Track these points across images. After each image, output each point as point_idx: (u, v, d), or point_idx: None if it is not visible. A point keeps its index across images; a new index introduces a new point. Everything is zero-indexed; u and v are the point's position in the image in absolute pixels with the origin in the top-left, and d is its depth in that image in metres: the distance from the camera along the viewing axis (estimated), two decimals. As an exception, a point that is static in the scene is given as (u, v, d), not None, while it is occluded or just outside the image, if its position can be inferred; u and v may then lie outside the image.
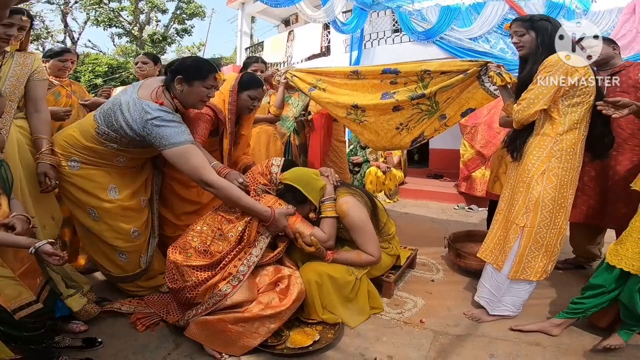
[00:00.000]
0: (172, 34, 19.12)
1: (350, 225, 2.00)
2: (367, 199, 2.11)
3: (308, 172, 2.04)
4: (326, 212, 1.99)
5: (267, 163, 2.08)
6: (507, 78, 2.03)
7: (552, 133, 1.80)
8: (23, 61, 1.90)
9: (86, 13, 17.30)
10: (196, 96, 1.86)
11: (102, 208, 1.94)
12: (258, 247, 1.82)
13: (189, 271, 1.74)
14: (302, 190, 1.93)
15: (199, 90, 1.84)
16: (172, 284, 1.79)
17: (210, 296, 1.71)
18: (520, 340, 1.83)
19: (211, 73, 1.85)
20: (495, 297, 1.97)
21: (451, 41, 6.05)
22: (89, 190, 1.92)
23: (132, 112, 1.77)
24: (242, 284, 1.73)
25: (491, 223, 2.09)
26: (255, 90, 2.23)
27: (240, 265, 1.75)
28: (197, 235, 1.84)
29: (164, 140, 1.74)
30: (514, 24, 1.92)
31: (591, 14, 5.27)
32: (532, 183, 1.81)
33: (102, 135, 1.85)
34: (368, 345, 1.78)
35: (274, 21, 12.86)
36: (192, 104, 1.92)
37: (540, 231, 1.82)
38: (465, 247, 2.72)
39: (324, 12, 5.85)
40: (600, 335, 1.81)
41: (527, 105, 1.79)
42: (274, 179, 2.02)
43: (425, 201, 5.19)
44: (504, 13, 5.70)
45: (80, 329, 1.84)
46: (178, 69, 1.84)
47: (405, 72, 2.42)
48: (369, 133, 2.67)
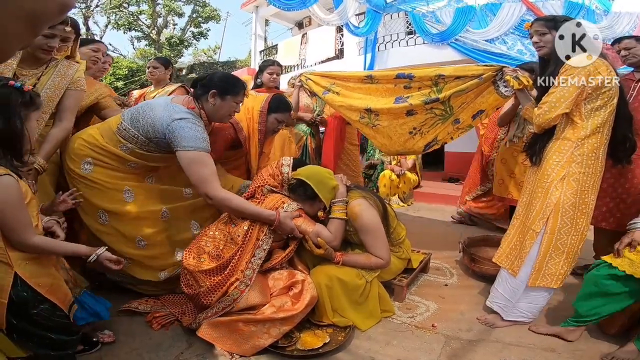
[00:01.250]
0: (188, 37, 19.45)
1: (361, 228, 2.00)
2: (378, 202, 2.11)
3: (321, 170, 2.07)
4: (335, 213, 2.00)
5: (277, 163, 2.10)
6: (524, 81, 2.00)
7: (573, 137, 1.76)
8: (65, 71, 1.90)
9: (107, 17, 17.78)
10: (226, 110, 1.97)
11: (114, 211, 1.94)
12: (262, 249, 1.84)
13: (202, 277, 1.77)
14: (313, 187, 1.95)
15: (230, 104, 1.96)
16: (187, 289, 1.83)
17: (220, 300, 1.75)
18: (534, 346, 1.79)
19: (242, 90, 1.99)
20: (510, 302, 1.94)
21: (467, 43, 5.97)
22: (103, 192, 1.93)
23: (162, 112, 1.85)
24: (250, 287, 1.75)
25: (508, 228, 2.07)
26: (283, 114, 2.34)
27: (247, 270, 1.78)
28: (211, 241, 1.88)
29: (183, 140, 1.79)
30: (536, 23, 1.89)
31: (611, 14, 5.15)
32: (550, 188, 1.78)
33: (122, 132, 1.90)
34: (378, 348, 1.78)
35: (287, 24, 12.94)
36: (220, 118, 2.00)
37: (561, 237, 1.78)
38: (480, 251, 2.68)
39: (337, 15, 5.86)
40: (617, 343, 1.76)
41: (548, 108, 1.75)
42: (285, 179, 2.04)
43: (440, 205, 5.13)
44: (521, 14, 5.60)
45: (107, 340, 1.77)
46: (211, 84, 1.94)
47: (419, 77, 2.41)
48: (381, 137, 2.65)
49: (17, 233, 1.27)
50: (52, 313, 1.37)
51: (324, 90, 2.76)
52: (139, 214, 2.00)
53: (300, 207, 1.99)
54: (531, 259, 1.84)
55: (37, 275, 1.34)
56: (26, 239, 1.30)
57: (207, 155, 1.84)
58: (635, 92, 2.24)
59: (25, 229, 1.29)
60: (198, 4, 18.95)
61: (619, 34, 4.48)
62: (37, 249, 1.35)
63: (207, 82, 1.95)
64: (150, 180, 2.11)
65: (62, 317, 1.41)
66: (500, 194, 3.32)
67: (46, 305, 1.35)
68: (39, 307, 1.33)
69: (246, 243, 1.82)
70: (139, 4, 17.99)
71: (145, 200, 2.05)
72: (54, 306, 1.38)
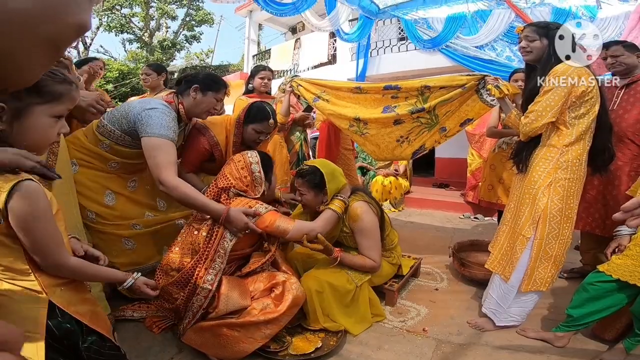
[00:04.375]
0: (181, 41, 19.41)
1: (360, 229, 2.02)
2: (377, 208, 2.13)
3: (336, 167, 2.10)
4: (333, 204, 1.98)
5: (244, 162, 1.89)
6: (504, 90, 2.02)
7: (558, 144, 1.79)
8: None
9: (99, 19, 17.65)
10: (206, 105, 2.00)
11: (99, 213, 1.97)
12: (219, 253, 1.75)
13: (174, 290, 1.75)
14: (325, 176, 1.96)
15: (210, 100, 2.00)
16: (167, 304, 1.81)
17: (188, 308, 1.72)
18: (523, 349, 1.82)
19: (224, 88, 2.05)
20: (502, 307, 1.96)
21: (457, 49, 6.06)
22: (87, 193, 1.95)
23: (137, 104, 1.90)
24: (229, 291, 1.70)
25: (495, 234, 2.10)
26: (261, 124, 2.15)
27: (207, 275, 1.71)
28: (176, 256, 1.82)
29: (149, 127, 1.81)
30: (528, 29, 1.89)
31: (598, 20, 5.26)
32: (538, 195, 1.80)
33: (100, 129, 1.95)
34: (370, 353, 1.79)
35: (281, 29, 13.01)
36: (198, 113, 2.03)
37: (549, 242, 1.81)
38: (470, 256, 2.72)
39: (328, 21, 5.89)
40: (606, 344, 1.80)
41: (535, 117, 1.78)
42: (257, 178, 1.89)
43: (430, 210, 5.18)
44: (510, 20, 5.69)
45: None
46: (195, 79, 2.00)
47: (406, 88, 2.48)
48: (370, 145, 2.72)
49: (51, 252, 1.04)
50: (103, 345, 1.17)
51: (314, 98, 2.81)
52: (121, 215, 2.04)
53: (272, 209, 1.85)
54: (522, 264, 1.86)
55: (75, 303, 1.12)
56: (62, 259, 1.07)
57: (170, 144, 1.83)
58: (619, 100, 2.29)
59: (59, 248, 1.06)
60: (192, 7, 18.94)
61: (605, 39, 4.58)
62: (74, 273, 1.12)
63: (191, 78, 2.01)
64: (132, 185, 2.14)
65: (112, 348, 1.21)
66: (489, 199, 3.37)
67: (94, 337, 1.14)
68: (88, 340, 1.12)
69: (207, 249, 1.75)
70: (131, 7, 17.92)
71: (126, 200, 2.08)
72: (102, 337, 1.18)
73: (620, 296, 1.66)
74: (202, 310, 1.70)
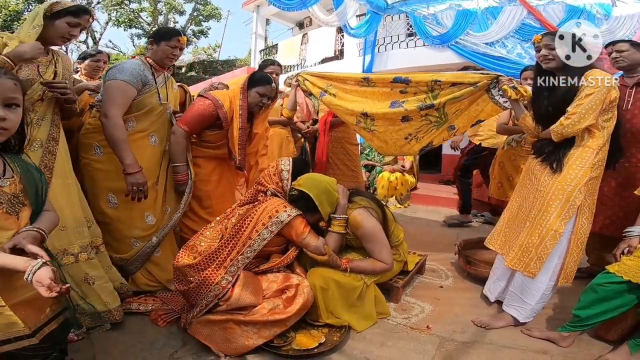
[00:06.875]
0: (189, 35, 19.43)
1: (363, 236, 2.02)
2: (378, 208, 2.12)
3: (323, 182, 2.00)
4: (333, 227, 2.01)
5: (277, 168, 2.05)
6: (522, 91, 2.02)
7: (594, 145, 1.86)
8: (67, 64, 1.92)
9: (108, 14, 17.75)
10: (162, 53, 2.19)
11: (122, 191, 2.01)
12: (252, 248, 1.80)
13: (190, 271, 1.77)
14: (315, 200, 1.93)
15: (165, 49, 2.18)
16: (179, 285, 1.83)
17: (203, 297, 1.74)
18: (527, 348, 1.80)
19: (174, 36, 2.20)
20: (528, 304, 1.95)
21: (467, 46, 5.97)
22: (113, 174, 2.03)
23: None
24: (242, 287, 1.73)
25: (497, 232, 2.11)
26: (264, 87, 2.35)
27: (231, 266, 1.76)
28: (205, 240, 1.89)
29: (113, 74, 2.00)
30: (547, 37, 1.91)
31: (612, 18, 5.16)
32: (575, 192, 1.84)
33: (96, 105, 2.10)
34: (373, 349, 1.79)
35: (288, 24, 12.95)
36: (160, 60, 2.21)
37: (580, 236, 1.90)
38: (476, 254, 2.68)
39: (336, 16, 5.86)
40: (610, 345, 1.78)
41: (577, 119, 1.80)
42: (285, 186, 2.00)
43: (436, 207, 5.15)
44: (521, 17, 5.60)
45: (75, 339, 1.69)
46: (150, 36, 2.28)
47: (416, 82, 2.43)
48: (378, 141, 2.71)
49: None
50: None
51: (321, 92, 2.76)
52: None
53: (300, 213, 1.93)
54: (554, 259, 1.89)
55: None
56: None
57: (124, 85, 1.98)
58: (632, 99, 2.25)
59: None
60: (199, 2, 18.94)
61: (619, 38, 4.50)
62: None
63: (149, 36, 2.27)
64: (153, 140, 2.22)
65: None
66: (499, 197, 3.33)
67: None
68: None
69: (234, 238, 1.80)
70: (140, 1, 18.00)
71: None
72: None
73: (630, 297, 1.64)
74: (217, 299, 1.72)
